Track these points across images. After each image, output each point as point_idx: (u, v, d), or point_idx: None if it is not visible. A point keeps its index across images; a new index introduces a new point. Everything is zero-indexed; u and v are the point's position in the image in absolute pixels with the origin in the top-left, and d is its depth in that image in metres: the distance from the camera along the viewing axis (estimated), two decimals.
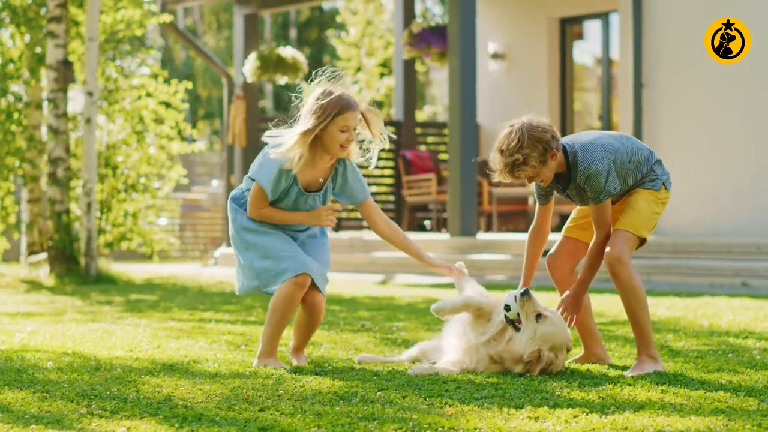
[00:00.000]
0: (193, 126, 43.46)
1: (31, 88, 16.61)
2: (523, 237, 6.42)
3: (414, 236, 17.63)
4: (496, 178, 5.90)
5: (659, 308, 9.92)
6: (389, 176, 20.98)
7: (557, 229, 17.81)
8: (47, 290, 13.88)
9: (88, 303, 11.54)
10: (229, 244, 20.33)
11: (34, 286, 14.80)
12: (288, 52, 19.03)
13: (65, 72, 15.57)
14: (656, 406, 4.83)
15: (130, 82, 17.30)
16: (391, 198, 20.94)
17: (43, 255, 15.99)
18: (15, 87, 16.65)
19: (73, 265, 15.40)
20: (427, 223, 19.46)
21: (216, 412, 4.82)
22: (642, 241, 5.99)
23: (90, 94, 15.16)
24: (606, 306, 10.34)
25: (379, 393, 5.25)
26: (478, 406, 4.91)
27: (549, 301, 8.74)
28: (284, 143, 6.12)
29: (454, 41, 16.04)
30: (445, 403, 5.00)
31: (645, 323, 5.92)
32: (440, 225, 18.64)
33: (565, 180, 5.97)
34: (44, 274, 15.59)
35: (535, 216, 6.22)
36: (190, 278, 16.35)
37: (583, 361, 6.29)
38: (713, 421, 4.48)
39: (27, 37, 16.41)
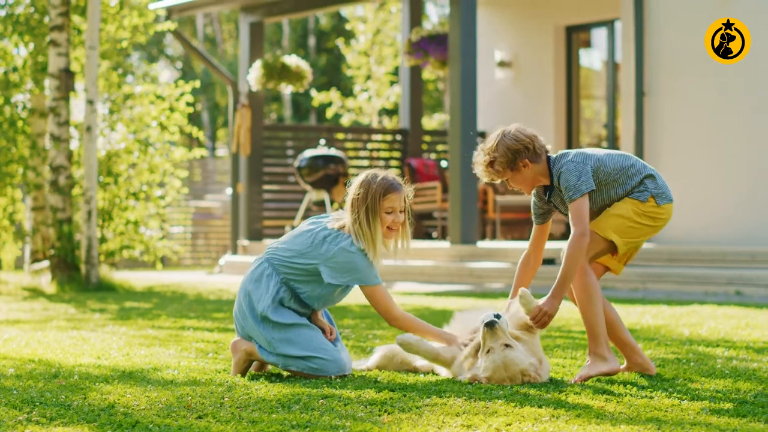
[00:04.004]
0: (214, 134, 43.60)
1: (35, 97, 16.69)
2: (525, 245, 6.51)
3: (419, 244, 17.61)
4: (474, 171, 6.16)
5: (645, 316, 9.87)
6: None
7: (564, 237, 17.80)
8: (46, 298, 13.93)
9: (81, 311, 11.58)
10: (234, 252, 20.36)
11: (35, 293, 14.86)
12: (292, 60, 19.06)
13: (67, 80, 15.64)
14: (592, 415, 4.81)
15: (134, 89, 17.33)
16: None
17: (46, 263, 16.06)
18: (19, 96, 16.71)
19: (75, 273, 15.45)
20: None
21: (153, 420, 4.83)
22: (613, 246, 6.02)
23: (90, 102, 15.22)
24: None
25: (322, 401, 5.25)
26: (417, 414, 4.90)
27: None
28: (362, 237, 6.12)
29: (454, 49, 16.02)
30: (385, 411, 4.99)
31: (591, 319, 5.92)
32: (445, 233, 18.62)
33: (550, 188, 6.11)
34: (46, 282, 15.65)
35: (530, 240, 6.29)
36: (192, 286, 16.37)
37: (626, 371, 6.17)
38: (641, 430, 4.46)
39: (30, 46, 16.49)
